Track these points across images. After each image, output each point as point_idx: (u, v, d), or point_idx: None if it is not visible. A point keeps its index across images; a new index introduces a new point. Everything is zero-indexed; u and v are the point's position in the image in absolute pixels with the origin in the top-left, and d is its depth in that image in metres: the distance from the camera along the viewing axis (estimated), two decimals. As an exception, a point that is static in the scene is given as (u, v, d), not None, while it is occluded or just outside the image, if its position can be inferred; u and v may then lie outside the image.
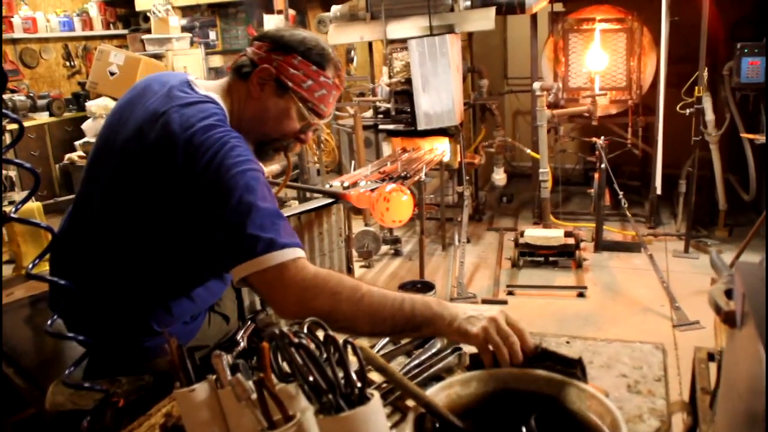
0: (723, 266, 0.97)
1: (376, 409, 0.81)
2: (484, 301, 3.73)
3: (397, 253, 4.65)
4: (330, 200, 1.96)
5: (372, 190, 2.17)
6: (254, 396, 0.85)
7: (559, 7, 5.10)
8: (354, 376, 0.81)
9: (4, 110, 1.08)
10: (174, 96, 1.36)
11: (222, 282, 1.59)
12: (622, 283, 3.90)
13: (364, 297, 1.17)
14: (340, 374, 0.83)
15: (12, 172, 5.14)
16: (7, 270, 2.44)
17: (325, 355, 0.84)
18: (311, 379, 0.80)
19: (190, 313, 1.55)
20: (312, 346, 0.82)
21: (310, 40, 1.45)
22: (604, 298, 3.72)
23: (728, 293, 0.89)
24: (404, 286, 3.49)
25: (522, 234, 4.21)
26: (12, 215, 0.99)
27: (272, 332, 0.87)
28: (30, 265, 1.00)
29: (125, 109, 1.45)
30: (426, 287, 3.49)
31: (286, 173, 1.88)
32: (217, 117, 1.32)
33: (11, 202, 4.20)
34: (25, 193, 4.63)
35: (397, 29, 4.49)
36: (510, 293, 3.82)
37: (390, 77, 4.53)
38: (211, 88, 1.44)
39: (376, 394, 0.81)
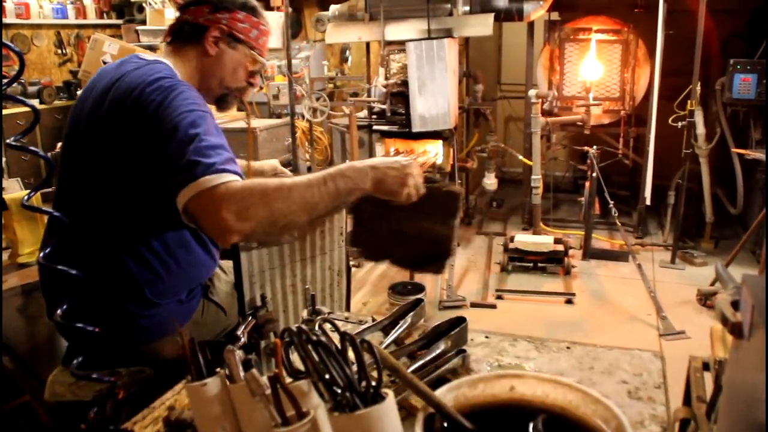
0: (728, 278, 0.99)
1: (390, 408, 0.82)
2: (473, 305, 3.75)
3: (387, 254, 4.65)
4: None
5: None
6: (268, 392, 0.85)
7: (556, 16, 5.15)
8: (369, 375, 0.82)
9: (17, 96, 1.08)
10: (125, 65, 1.49)
11: (210, 257, 1.65)
12: (610, 292, 3.94)
13: (291, 189, 1.24)
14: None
15: (0, 159, 5.08)
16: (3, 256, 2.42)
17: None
18: (327, 376, 0.81)
19: (184, 287, 1.58)
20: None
21: None
22: (592, 305, 3.76)
23: (734, 304, 0.91)
24: (395, 287, 3.50)
25: (512, 239, 4.24)
26: (24, 203, 0.99)
27: (288, 329, 0.87)
28: (41, 254, 1.00)
29: (86, 94, 1.55)
30: (416, 288, 3.51)
31: (246, 117, 1.99)
32: (165, 71, 1.44)
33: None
34: (13, 180, 4.58)
35: (395, 31, 4.50)
36: (499, 297, 3.85)
37: (386, 78, 4.53)
38: (157, 56, 1.60)
39: (391, 393, 0.82)
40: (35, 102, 5.96)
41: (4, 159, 5.21)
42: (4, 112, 5.23)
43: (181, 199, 1.24)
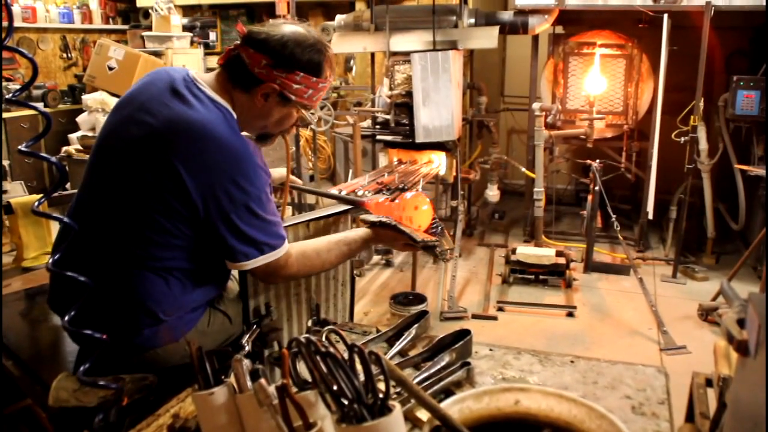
0: (734, 296, 1.00)
1: (397, 420, 0.82)
2: (474, 316, 3.75)
3: (388, 264, 4.66)
4: (342, 209, 1.98)
5: (392, 199, 2.19)
6: (276, 402, 0.85)
7: (560, 29, 5.17)
8: (377, 387, 0.82)
9: (30, 103, 1.09)
10: (184, 101, 1.44)
11: (223, 278, 1.64)
12: (611, 305, 3.94)
13: (324, 257, 1.64)
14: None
15: (4, 162, 5.10)
16: (7, 259, 2.42)
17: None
18: (335, 387, 0.81)
19: (194, 305, 1.57)
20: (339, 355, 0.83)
21: (308, 45, 1.50)
22: (593, 318, 3.76)
23: (740, 322, 0.91)
24: (396, 297, 3.50)
25: (514, 251, 4.24)
26: (35, 209, 0.99)
27: (296, 339, 0.88)
28: (50, 260, 1.00)
29: (127, 109, 1.51)
30: (417, 299, 3.50)
31: (287, 169, 1.94)
32: (234, 133, 1.46)
33: (4, 191, 4.16)
34: (17, 183, 4.60)
35: (401, 42, 4.52)
36: (500, 309, 3.84)
37: (391, 89, 4.55)
38: (212, 86, 1.51)
39: (398, 405, 0.83)
40: (40, 105, 5.98)
41: (7, 162, 5.22)
42: (8, 115, 5.25)
43: (249, 263, 1.48)
